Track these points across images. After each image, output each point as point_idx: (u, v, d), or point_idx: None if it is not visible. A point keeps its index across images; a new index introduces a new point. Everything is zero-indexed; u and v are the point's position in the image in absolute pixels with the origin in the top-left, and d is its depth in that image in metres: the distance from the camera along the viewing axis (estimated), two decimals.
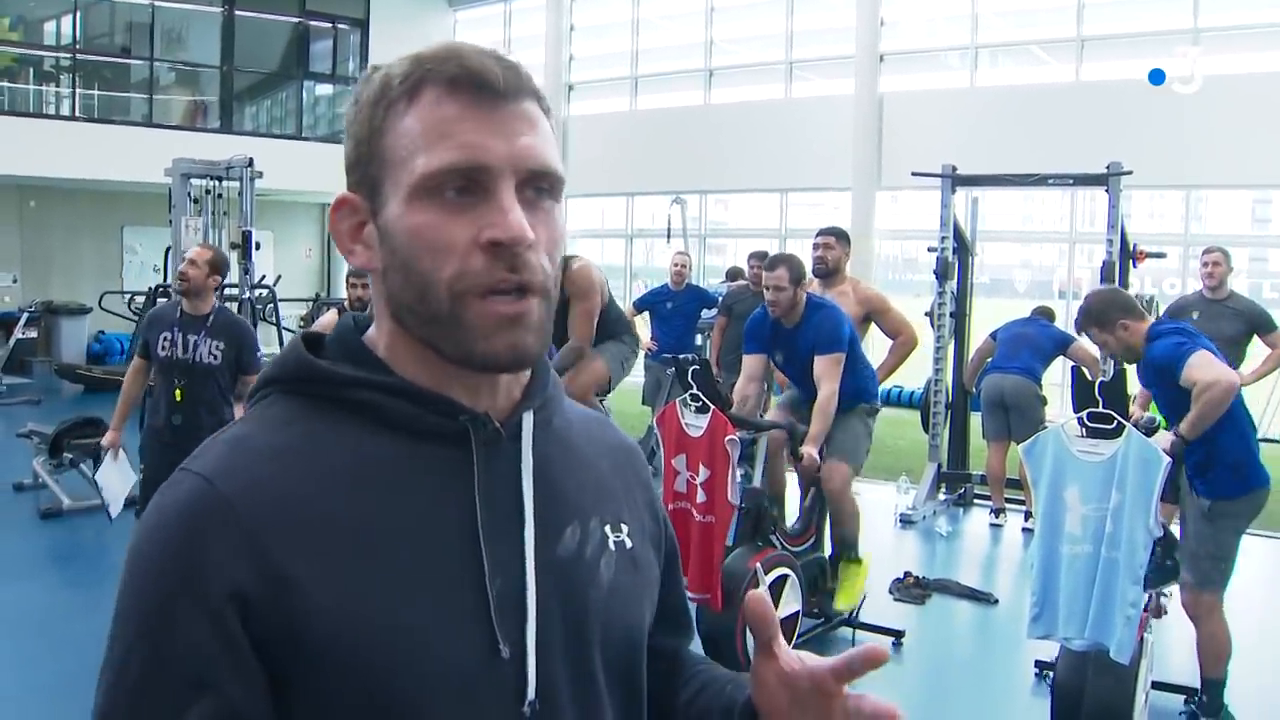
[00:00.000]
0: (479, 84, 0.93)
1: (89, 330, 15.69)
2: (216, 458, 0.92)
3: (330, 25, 17.71)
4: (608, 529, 1.05)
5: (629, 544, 1.07)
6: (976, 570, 6.55)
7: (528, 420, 1.01)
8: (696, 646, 1.27)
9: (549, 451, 1.03)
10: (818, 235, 6.37)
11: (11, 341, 13.96)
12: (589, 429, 1.13)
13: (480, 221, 0.91)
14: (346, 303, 7.40)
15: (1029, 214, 16.04)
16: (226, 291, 9.23)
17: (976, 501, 8.24)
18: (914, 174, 8.31)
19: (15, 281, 16.07)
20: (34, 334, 14.92)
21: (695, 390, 4.88)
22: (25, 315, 14.29)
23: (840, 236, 6.33)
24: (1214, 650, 4.36)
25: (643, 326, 9.41)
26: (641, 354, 9.38)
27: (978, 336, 8.23)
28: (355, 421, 0.95)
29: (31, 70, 15.26)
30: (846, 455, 5.34)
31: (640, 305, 9.46)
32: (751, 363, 5.55)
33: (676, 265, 9.31)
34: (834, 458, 5.28)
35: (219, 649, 0.85)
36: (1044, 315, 7.90)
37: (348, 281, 7.59)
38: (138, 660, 0.86)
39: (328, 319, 7.60)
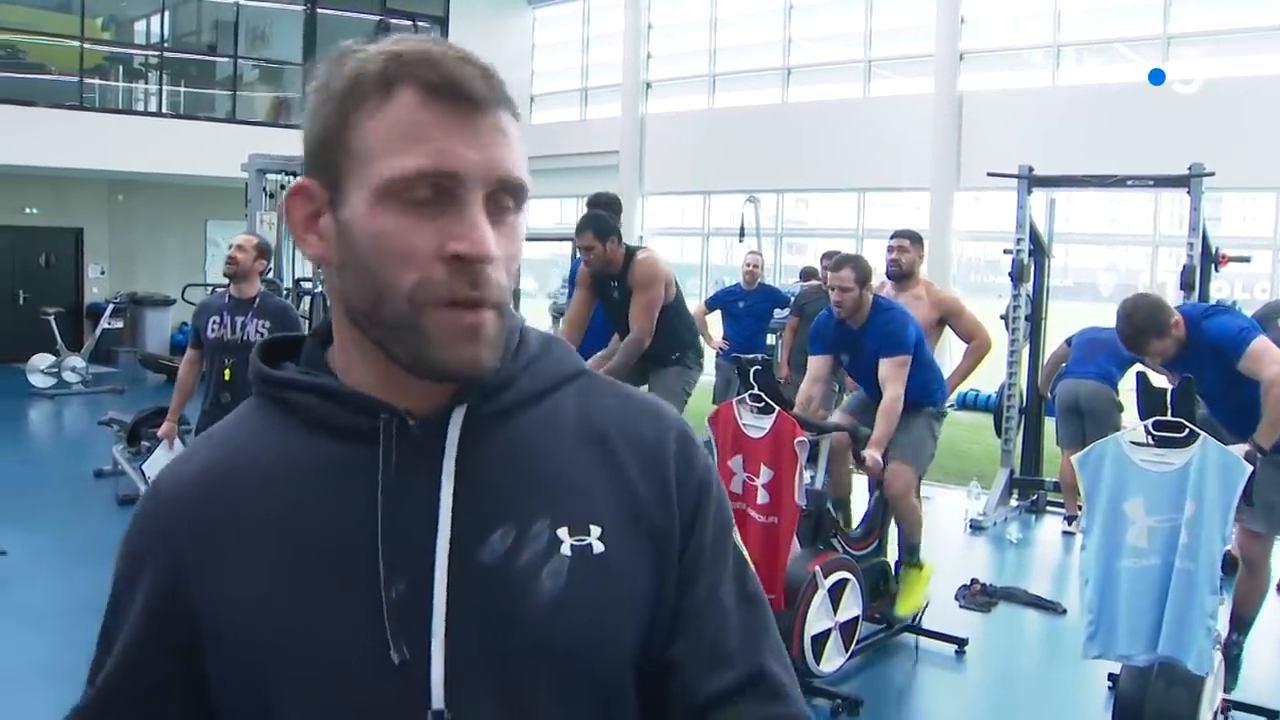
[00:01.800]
0: (457, 93, 0.89)
1: (172, 321, 16.07)
2: (183, 453, 1.03)
3: (410, 22, 17.87)
4: (562, 532, 0.95)
5: (598, 548, 0.95)
6: (1046, 579, 6.41)
7: (457, 416, 0.95)
8: None
9: (494, 448, 0.96)
10: (891, 237, 6.28)
11: (98, 332, 14.32)
12: (595, 419, 1.02)
13: (445, 232, 0.89)
14: None
15: (1115, 216, 15.68)
16: (302, 285, 9.38)
17: (1049, 509, 8.07)
18: (989, 174, 8.17)
19: (103, 273, 16.51)
20: (120, 324, 15.31)
21: (756, 390, 4.83)
22: (111, 306, 14.66)
23: (914, 239, 6.23)
24: (1262, 591, 4.69)
25: (714, 325, 9.38)
26: (712, 353, 9.36)
27: (1053, 340, 8.06)
28: (289, 422, 0.98)
29: (121, 68, 15.62)
30: (910, 458, 5.25)
31: (712, 304, 9.39)
32: (817, 363, 5.48)
33: (748, 265, 9.24)
34: (896, 460, 5.19)
35: (145, 625, 0.96)
36: None
37: None
38: (106, 623, 1.00)
39: None
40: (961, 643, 5.22)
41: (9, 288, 15.84)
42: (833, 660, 4.67)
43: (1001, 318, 8.11)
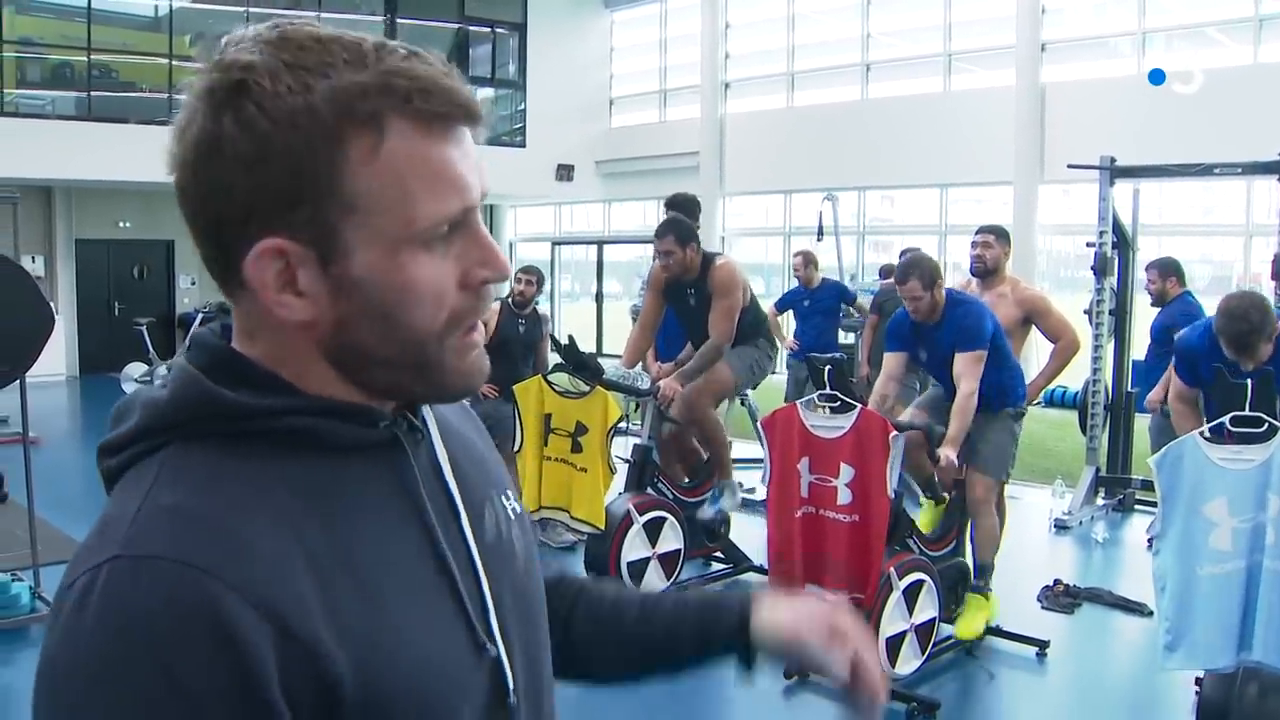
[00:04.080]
0: (460, 119, 0.85)
1: None
2: (168, 537, 0.78)
3: (489, 30, 18.04)
4: (504, 500, 1.05)
5: (518, 508, 1.07)
6: (1133, 580, 6.22)
7: (429, 413, 0.98)
8: None
9: (445, 437, 1.00)
10: (976, 233, 6.14)
11: (188, 341, 14.71)
12: (450, 405, 1.09)
13: (464, 259, 0.86)
14: (510, 298, 7.53)
15: (1210, 206, 15.25)
16: None
17: (1138, 508, 7.86)
18: (1070, 166, 8.00)
19: (193, 284, 16.95)
20: None
21: (830, 390, 4.77)
22: (200, 315, 15.03)
23: (1000, 235, 6.09)
24: None
25: (787, 326, 9.34)
26: (784, 353, 9.32)
27: (1140, 335, 7.85)
28: (278, 453, 0.86)
29: None
30: (989, 467, 5.15)
31: (781, 306, 9.38)
32: (892, 361, 5.40)
33: (795, 264, 9.31)
34: (975, 470, 5.10)
35: None
36: None
37: (514, 277, 7.73)
38: None
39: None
40: (1043, 645, 5.11)
41: (105, 299, 16.33)
42: (909, 662, 4.61)
43: (1085, 312, 7.93)
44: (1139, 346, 8.41)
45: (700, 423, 6.02)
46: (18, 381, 5.28)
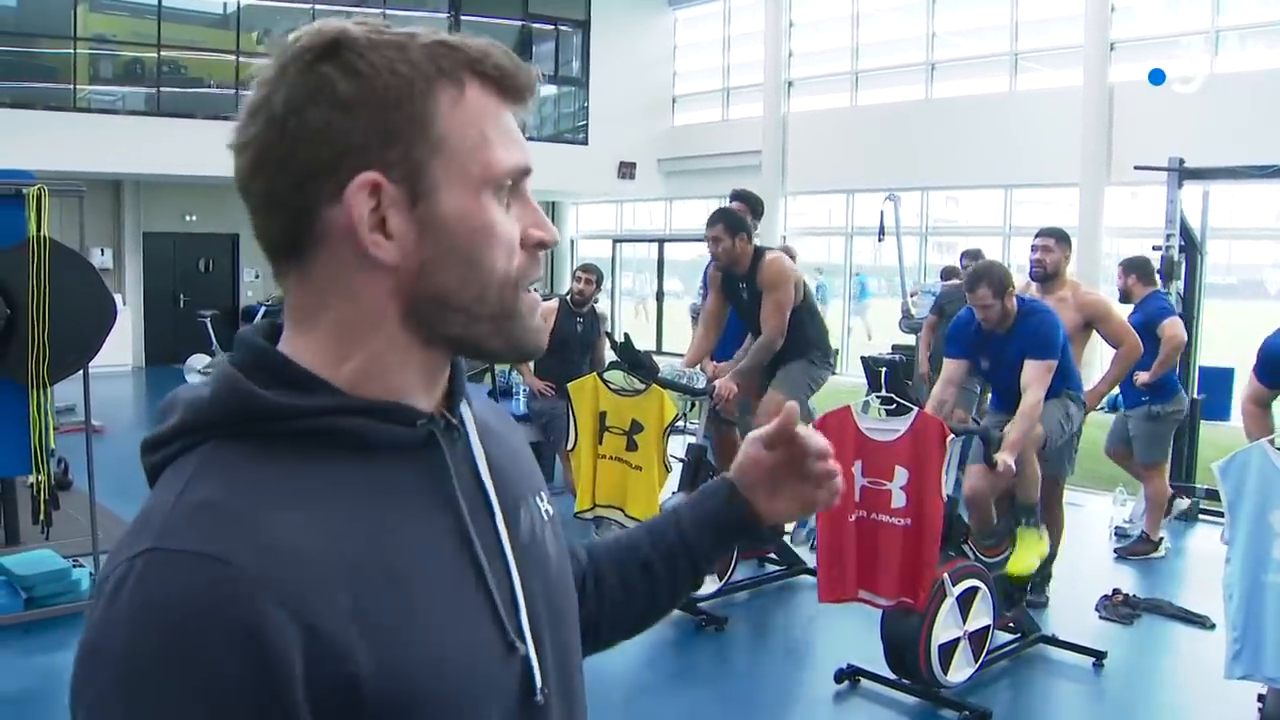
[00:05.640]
0: (519, 88, 0.92)
1: None
2: (199, 532, 0.79)
3: (552, 27, 18.11)
4: (538, 501, 1.06)
5: (550, 511, 1.09)
6: (1195, 592, 6.10)
7: (467, 412, 1.00)
8: None
9: (483, 436, 1.01)
10: (1036, 236, 6.05)
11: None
12: (485, 405, 1.11)
13: (521, 220, 0.93)
14: (570, 296, 7.54)
15: None
16: None
17: (1202, 517, 7.70)
18: (1137, 168, 7.87)
19: (257, 277, 17.19)
20: None
21: (886, 392, 4.73)
22: (264, 309, 15.26)
23: (1060, 238, 6.00)
24: None
25: None
26: None
27: (1206, 340, 7.68)
28: (315, 453, 0.86)
29: None
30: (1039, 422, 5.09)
31: None
32: (952, 366, 5.34)
33: None
34: None
35: None
36: None
37: (573, 275, 7.75)
38: None
39: (545, 307, 7.78)
40: (1100, 655, 5.02)
41: (171, 291, 16.61)
42: (961, 670, 4.55)
43: None
44: (1205, 352, 8.25)
45: None
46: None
